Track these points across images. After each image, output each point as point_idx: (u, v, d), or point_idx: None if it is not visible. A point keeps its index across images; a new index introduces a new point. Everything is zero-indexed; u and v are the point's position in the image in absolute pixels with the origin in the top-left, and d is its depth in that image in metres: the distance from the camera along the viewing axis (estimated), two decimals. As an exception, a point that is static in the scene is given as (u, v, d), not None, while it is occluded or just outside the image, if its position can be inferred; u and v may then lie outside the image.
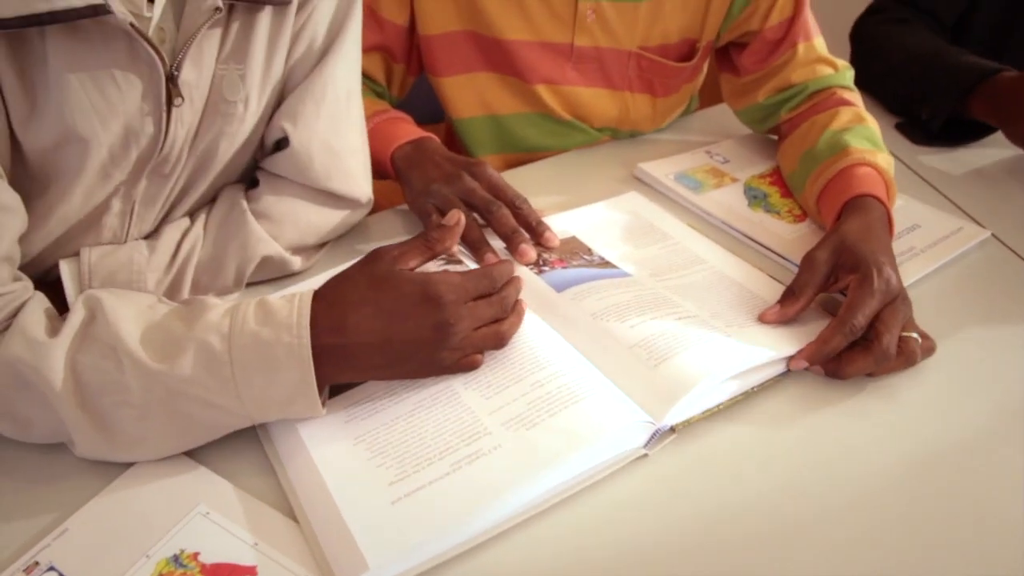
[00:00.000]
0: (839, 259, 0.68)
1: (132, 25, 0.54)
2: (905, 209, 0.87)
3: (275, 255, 0.69)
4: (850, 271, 0.67)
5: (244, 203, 0.69)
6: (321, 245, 0.76)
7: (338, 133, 0.71)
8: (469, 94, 0.94)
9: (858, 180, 0.76)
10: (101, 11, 0.51)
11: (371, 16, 0.90)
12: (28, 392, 0.51)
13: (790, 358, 0.63)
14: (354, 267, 0.58)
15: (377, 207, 0.80)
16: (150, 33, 0.57)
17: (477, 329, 0.57)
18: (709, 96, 1.12)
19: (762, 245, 0.80)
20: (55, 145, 0.57)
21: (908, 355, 0.64)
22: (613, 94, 0.96)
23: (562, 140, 0.98)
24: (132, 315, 0.53)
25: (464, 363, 0.58)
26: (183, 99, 0.60)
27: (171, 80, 0.59)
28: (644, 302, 0.67)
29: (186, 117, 0.61)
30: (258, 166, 0.73)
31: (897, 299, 0.65)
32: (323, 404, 0.55)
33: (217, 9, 0.58)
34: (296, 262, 0.71)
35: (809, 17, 0.93)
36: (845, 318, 0.63)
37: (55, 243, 0.62)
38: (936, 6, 1.16)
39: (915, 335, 0.65)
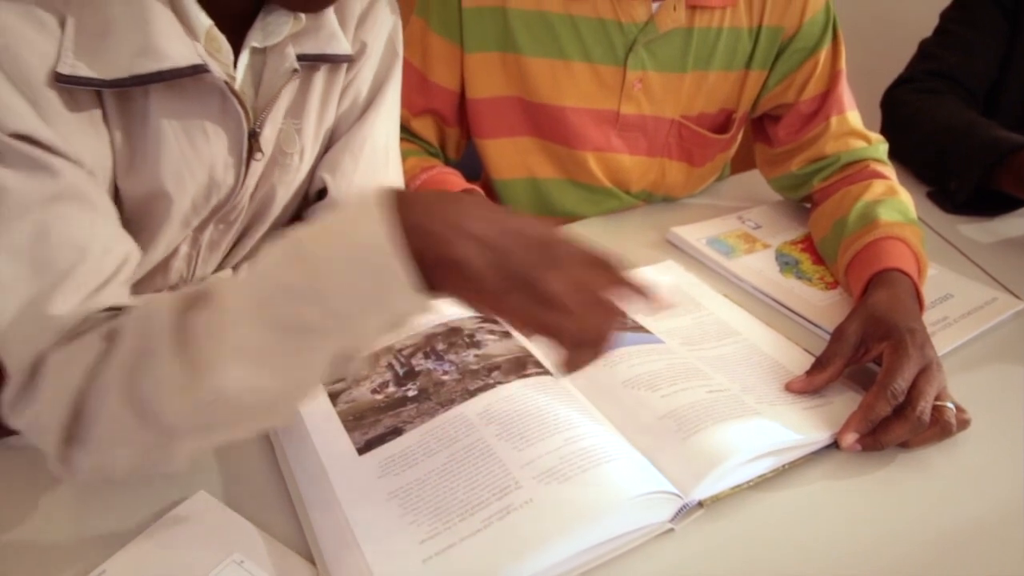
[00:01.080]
0: (868, 329, 0.69)
1: (226, 83, 0.58)
2: (938, 278, 0.87)
3: None
4: (882, 339, 0.67)
5: None
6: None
7: (375, 184, 0.73)
8: (512, 157, 0.97)
9: (886, 254, 0.77)
10: (202, 70, 0.55)
11: (423, 82, 0.94)
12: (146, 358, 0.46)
13: (839, 433, 0.63)
14: None
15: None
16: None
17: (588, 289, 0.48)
18: (741, 162, 1.15)
19: (794, 312, 0.80)
20: (149, 195, 0.60)
21: (943, 425, 0.64)
22: (652, 161, 0.99)
23: (597, 206, 1.01)
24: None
25: (583, 322, 0.47)
26: (263, 154, 0.64)
27: (253, 136, 0.62)
28: (676, 372, 0.67)
29: (256, 169, 0.65)
30: (298, 216, 0.76)
31: (932, 366, 0.65)
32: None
33: (295, 71, 0.63)
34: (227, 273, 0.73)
35: (844, 91, 0.96)
36: (885, 382, 0.63)
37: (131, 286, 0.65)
38: (967, 77, 1.17)
39: (950, 405, 0.65)
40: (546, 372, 0.67)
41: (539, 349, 0.70)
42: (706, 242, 0.92)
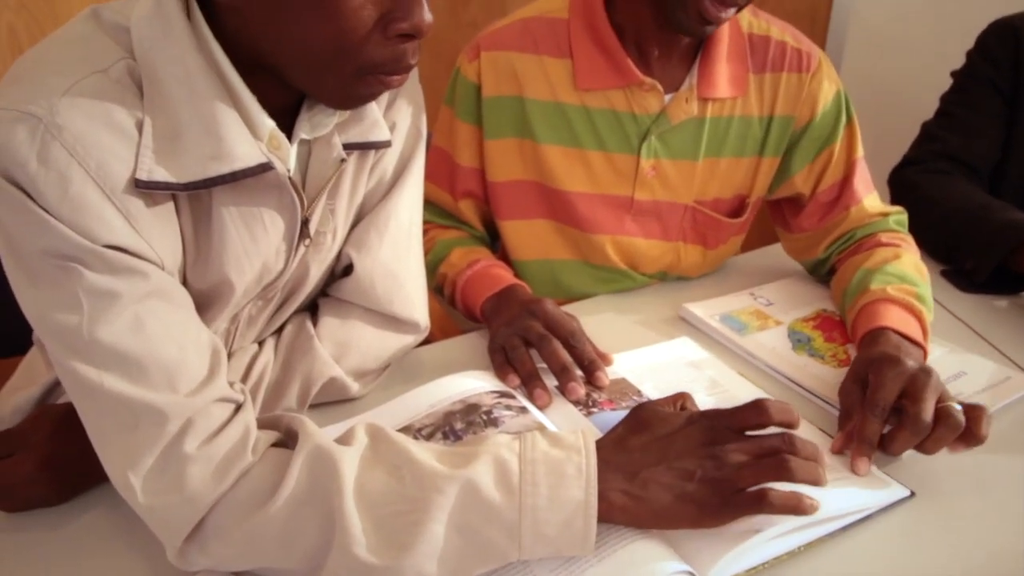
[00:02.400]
0: (862, 373, 0.73)
1: (288, 178, 0.62)
2: (950, 356, 0.88)
3: (338, 378, 0.73)
4: (869, 368, 0.73)
5: (311, 327, 0.74)
6: (378, 374, 0.80)
7: (399, 260, 0.77)
8: (529, 238, 1.01)
9: (875, 316, 0.82)
10: (267, 168, 0.59)
11: (454, 166, 0.99)
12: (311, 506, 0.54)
13: (852, 467, 0.67)
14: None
15: (430, 337, 0.84)
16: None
17: (754, 458, 0.58)
18: (752, 239, 1.17)
19: (807, 390, 0.81)
20: (213, 285, 0.64)
21: (951, 422, 0.66)
22: (667, 244, 1.02)
23: (611, 287, 1.03)
24: (415, 444, 0.58)
25: (747, 498, 0.57)
26: (311, 240, 0.68)
27: (304, 223, 0.66)
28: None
29: (301, 252, 0.69)
30: (323, 292, 0.79)
31: (919, 374, 0.70)
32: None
33: (343, 160, 0.67)
34: (355, 387, 0.76)
35: (862, 176, 1.00)
36: (869, 400, 0.68)
37: None
38: (971, 158, 1.19)
39: (956, 405, 0.67)
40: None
41: (558, 425, 0.71)
42: (719, 319, 0.93)
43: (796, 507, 0.57)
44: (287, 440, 0.59)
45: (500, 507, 0.54)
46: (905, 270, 0.89)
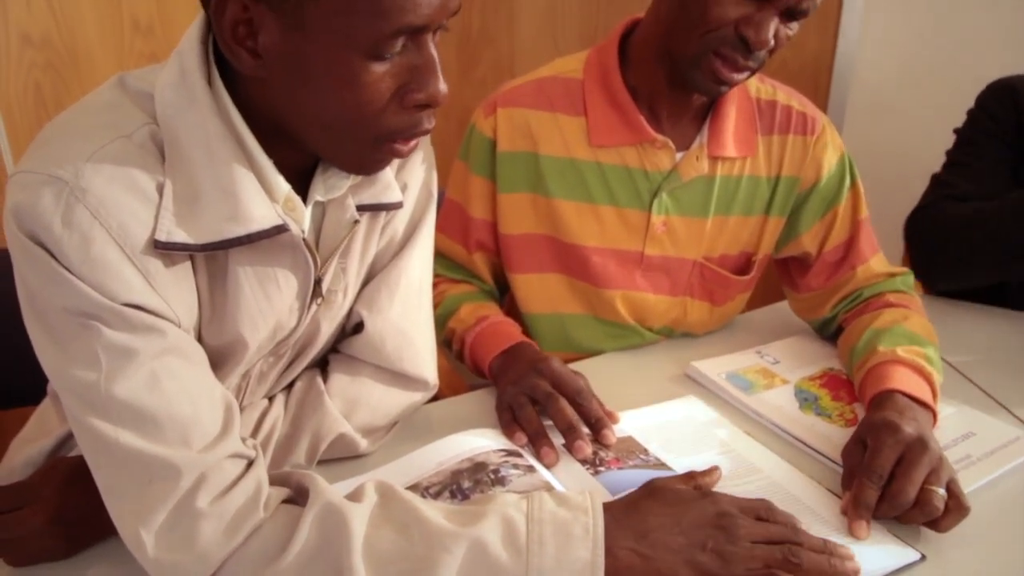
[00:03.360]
0: (864, 436, 0.74)
1: (303, 239, 0.64)
2: (958, 416, 0.88)
3: (347, 434, 0.74)
4: (869, 433, 0.74)
5: (321, 384, 0.75)
6: (387, 431, 0.80)
7: (409, 318, 0.78)
8: (539, 292, 1.02)
9: (884, 378, 0.82)
10: (283, 230, 0.61)
11: (467, 219, 1.01)
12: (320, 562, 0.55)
13: (850, 531, 0.67)
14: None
15: (438, 394, 0.85)
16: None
17: (765, 542, 0.59)
18: (758, 298, 1.18)
19: (814, 449, 0.81)
20: (227, 343, 0.65)
21: (925, 506, 0.67)
22: (675, 300, 1.03)
23: (619, 342, 1.04)
24: (424, 503, 0.59)
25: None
26: (323, 298, 0.69)
27: (317, 282, 0.68)
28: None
29: (313, 310, 0.70)
30: (334, 348, 0.80)
31: (916, 448, 0.70)
32: None
33: (356, 221, 0.68)
34: (364, 444, 0.76)
35: (867, 236, 1.02)
36: (866, 466, 0.69)
37: None
38: (985, 197, 1.17)
39: (940, 490, 0.67)
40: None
41: (565, 483, 0.71)
42: (725, 377, 0.94)
43: None
44: (297, 497, 0.60)
45: (507, 567, 0.54)
46: (914, 331, 0.90)
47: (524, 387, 0.81)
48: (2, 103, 1.63)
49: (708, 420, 0.86)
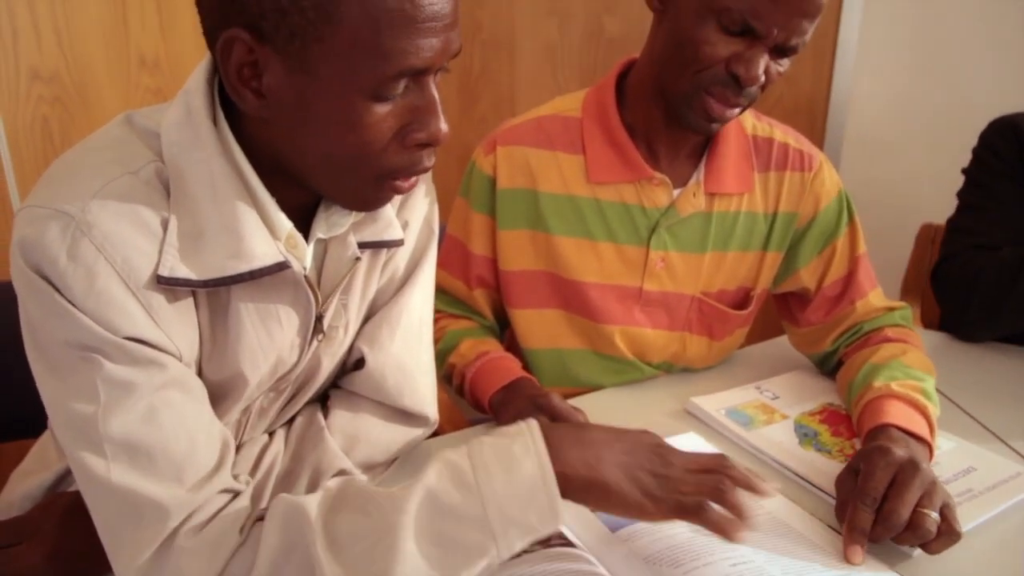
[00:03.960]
0: (856, 464, 0.75)
1: (304, 276, 0.64)
2: (959, 451, 0.88)
3: (347, 470, 0.74)
4: (861, 459, 0.74)
5: (322, 420, 0.75)
6: (387, 466, 0.80)
7: (410, 354, 0.78)
8: (539, 328, 1.03)
9: (879, 412, 0.83)
10: (284, 267, 0.62)
11: (468, 255, 1.02)
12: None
13: (846, 556, 0.68)
14: None
15: (439, 430, 0.85)
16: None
17: (696, 473, 0.62)
18: (757, 333, 1.19)
19: (814, 485, 0.81)
20: (227, 378, 0.65)
21: (918, 529, 0.67)
22: (673, 335, 1.03)
23: (619, 377, 1.04)
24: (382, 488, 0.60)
25: (689, 501, 0.60)
26: (324, 335, 0.70)
27: (318, 319, 0.68)
28: (698, 545, 0.68)
29: (314, 346, 0.71)
30: (334, 384, 0.80)
31: (908, 470, 0.70)
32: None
33: (358, 258, 0.69)
34: (363, 479, 0.76)
35: (866, 271, 1.03)
36: (859, 489, 0.70)
37: None
38: (1007, 240, 1.17)
39: (933, 514, 0.67)
40: (568, 543, 0.67)
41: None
42: (725, 413, 0.94)
43: (727, 530, 0.60)
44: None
45: (461, 505, 0.56)
46: (911, 365, 0.91)
47: None
48: (10, 136, 1.66)
49: (708, 455, 0.86)
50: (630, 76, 0.98)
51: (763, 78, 0.85)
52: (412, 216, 0.78)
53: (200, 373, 0.64)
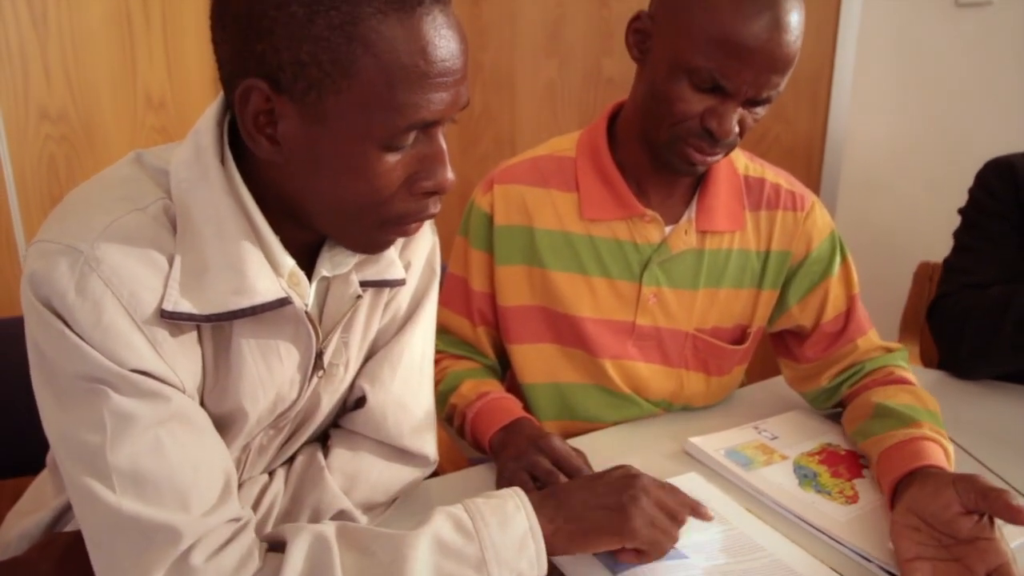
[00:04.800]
0: (913, 521, 0.74)
1: (305, 312, 0.65)
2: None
3: (347, 511, 0.74)
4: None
5: (322, 459, 0.75)
6: (387, 507, 0.80)
7: (411, 393, 0.78)
8: (537, 362, 1.03)
9: (920, 454, 0.81)
10: (286, 303, 0.63)
11: (469, 292, 1.04)
12: None
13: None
14: None
15: (439, 470, 0.85)
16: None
17: (659, 510, 0.70)
18: (755, 372, 1.19)
19: (816, 528, 0.81)
20: (228, 412, 0.66)
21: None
22: (670, 371, 1.04)
23: (618, 412, 1.05)
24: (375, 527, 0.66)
25: (650, 533, 0.68)
26: (324, 371, 0.70)
27: (318, 355, 0.69)
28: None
29: (314, 383, 0.71)
30: (335, 423, 0.80)
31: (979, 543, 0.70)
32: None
33: (359, 297, 0.70)
34: (363, 520, 0.76)
35: (861, 312, 1.04)
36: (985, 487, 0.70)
37: None
38: (1001, 280, 1.18)
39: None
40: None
41: (566, 558, 0.71)
42: (724, 453, 0.94)
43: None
44: (277, 547, 0.62)
45: (464, 548, 0.62)
46: (921, 410, 0.90)
47: (525, 464, 0.81)
48: (16, 174, 1.68)
49: (709, 497, 0.85)
50: (620, 118, 1.00)
51: (737, 129, 0.87)
52: (414, 256, 0.79)
53: (202, 406, 0.65)
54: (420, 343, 0.80)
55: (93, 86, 1.77)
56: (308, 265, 0.69)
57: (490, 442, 0.90)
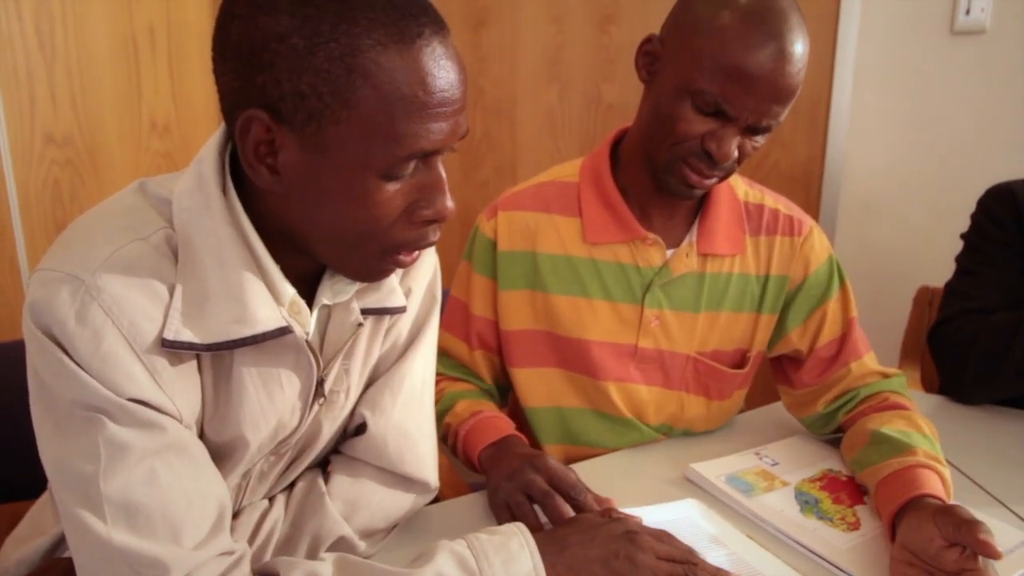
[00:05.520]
0: (907, 556, 0.74)
1: (306, 341, 0.65)
2: (962, 522, 0.87)
3: (347, 537, 0.73)
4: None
5: (322, 485, 0.75)
6: (386, 533, 0.79)
7: (412, 420, 0.78)
8: (539, 386, 1.03)
9: (914, 483, 0.81)
10: (286, 332, 0.63)
11: (469, 316, 1.04)
12: None
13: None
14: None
15: (439, 496, 0.84)
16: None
17: (663, 560, 0.68)
18: (756, 397, 1.19)
19: (817, 555, 0.80)
20: (229, 440, 0.66)
21: None
22: (671, 394, 1.04)
23: (619, 437, 1.04)
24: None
25: None
26: (325, 399, 0.70)
27: (319, 383, 0.69)
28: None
29: (315, 410, 0.71)
30: (336, 449, 0.80)
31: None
32: None
33: (360, 324, 0.70)
34: (362, 546, 0.75)
35: (859, 336, 1.04)
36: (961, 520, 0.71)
37: None
38: (1004, 306, 1.18)
39: None
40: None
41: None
42: (725, 479, 0.93)
43: None
44: None
45: None
46: (918, 438, 0.90)
47: (520, 484, 0.81)
48: (21, 198, 1.69)
49: (709, 523, 0.85)
50: (624, 143, 1.02)
51: (736, 154, 0.89)
52: (415, 283, 0.79)
53: (202, 435, 0.65)
54: (421, 370, 0.80)
55: (98, 111, 1.79)
56: (309, 293, 0.69)
57: (479, 457, 0.90)
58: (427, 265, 0.81)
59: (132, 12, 1.81)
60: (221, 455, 0.66)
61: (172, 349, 0.59)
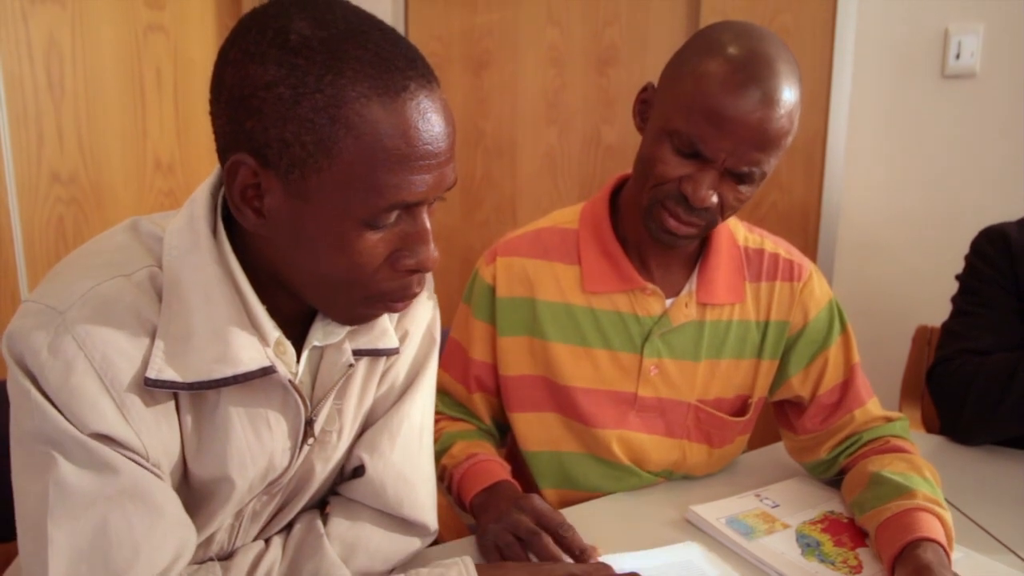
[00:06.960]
0: None
1: (290, 381, 0.65)
2: (965, 562, 0.86)
3: None
4: None
5: (321, 527, 0.74)
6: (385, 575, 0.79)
7: (411, 463, 0.78)
8: (537, 431, 1.03)
9: (913, 527, 0.81)
10: (270, 371, 0.63)
11: (468, 360, 1.04)
12: None
13: None
14: None
15: (438, 538, 0.83)
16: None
17: None
18: (757, 439, 1.18)
19: (819, 599, 0.79)
20: (214, 479, 0.66)
21: None
22: (672, 442, 1.03)
23: (617, 483, 1.04)
24: None
25: None
26: (315, 439, 0.70)
27: (309, 423, 0.69)
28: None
29: (305, 450, 0.71)
30: (333, 491, 0.79)
31: None
32: None
33: (351, 365, 0.70)
34: None
35: (862, 380, 1.03)
36: None
37: None
38: (1001, 347, 1.19)
39: None
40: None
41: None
42: (725, 522, 0.92)
43: None
44: None
45: None
46: (928, 477, 0.90)
47: (507, 524, 0.81)
48: (25, 235, 1.70)
49: (710, 565, 0.84)
50: (623, 191, 1.02)
51: (714, 201, 0.88)
52: (413, 326, 0.79)
53: (186, 472, 0.65)
54: (419, 413, 0.80)
55: (104, 149, 1.81)
56: (301, 334, 0.69)
57: (471, 502, 0.90)
58: (426, 308, 0.81)
59: (140, 53, 1.85)
60: (208, 492, 0.66)
61: (151, 388, 0.59)
